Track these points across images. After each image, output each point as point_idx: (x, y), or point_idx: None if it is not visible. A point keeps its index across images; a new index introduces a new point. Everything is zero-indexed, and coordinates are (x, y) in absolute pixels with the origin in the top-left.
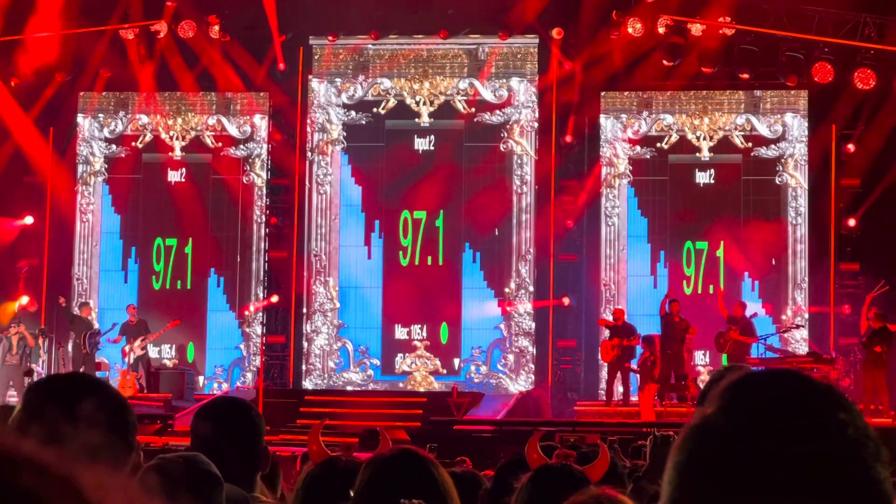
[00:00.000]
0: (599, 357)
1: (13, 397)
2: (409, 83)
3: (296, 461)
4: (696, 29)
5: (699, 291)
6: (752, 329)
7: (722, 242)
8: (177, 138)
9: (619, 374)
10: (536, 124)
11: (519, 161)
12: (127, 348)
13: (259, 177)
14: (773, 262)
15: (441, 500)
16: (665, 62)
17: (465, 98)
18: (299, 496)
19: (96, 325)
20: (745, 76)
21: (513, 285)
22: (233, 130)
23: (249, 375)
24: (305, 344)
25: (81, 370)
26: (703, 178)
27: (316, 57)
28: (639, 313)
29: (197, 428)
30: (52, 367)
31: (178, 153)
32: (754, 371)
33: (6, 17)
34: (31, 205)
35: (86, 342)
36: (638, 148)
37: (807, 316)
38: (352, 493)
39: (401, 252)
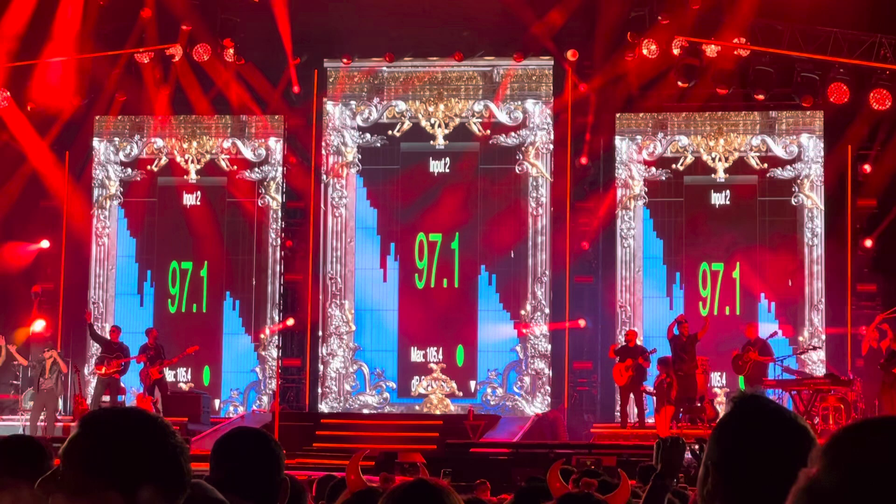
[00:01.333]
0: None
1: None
2: (424, 105)
3: (312, 486)
4: (710, 50)
5: (715, 313)
6: (769, 349)
7: (738, 264)
8: (192, 161)
9: (632, 396)
10: (552, 146)
11: (534, 183)
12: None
13: (274, 200)
14: (790, 284)
15: None
16: (680, 83)
17: (480, 120)
18: None
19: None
20: (761, 97)
21: (528, 307)
22: (248, 153)
23: (265, 399)
24: (321, 367)
25: (105, 394)
26: (718, 199)
27: (331, 79)
28: (655, 335)
29: (217, 458)
30: (69, 390)
31: (193, 176)
32: (853, 425)
33: (22, 43)
34: (47, 229)
35: (118, 366)
36: (653, 169)
37: (824, 337)
38: None
39: (416, 274)
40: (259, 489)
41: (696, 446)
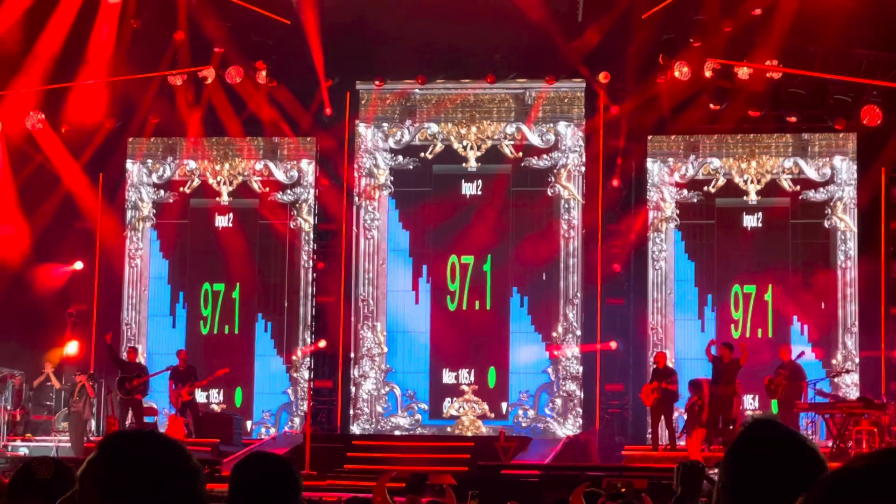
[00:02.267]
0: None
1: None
2: (457, 127)
3: None
4: (742, 72)
5: (747, 335)
6: (801, 373)
7: (770, 286)
8: (224, 183)
9: (662, 419)
10: (583, 168)
11: (566, 205)
12: (175, 394)
13: (306, 221)
14: (823, 306)
15: None
16: (712, 106)
17: (512, 142)
18: None
19: (145, 369)
20: (793, 119)
21: (560, 329)
22: (280, 175)
23: (297, 420)
24: (353, 388)
25: (129, 415)
26: (750, 221)
27: (363, 102)
28: (687, 357)
29: (237, 481)
30: (101, 412)
31: (225, 198)
32: (854, 460)
33: (57, 65)
34: (81, 250)
35: (117, 386)
36: (685, 192)
37: (857, 360)
38: None
39: (448, 297)
40: None
41: (715, 471)
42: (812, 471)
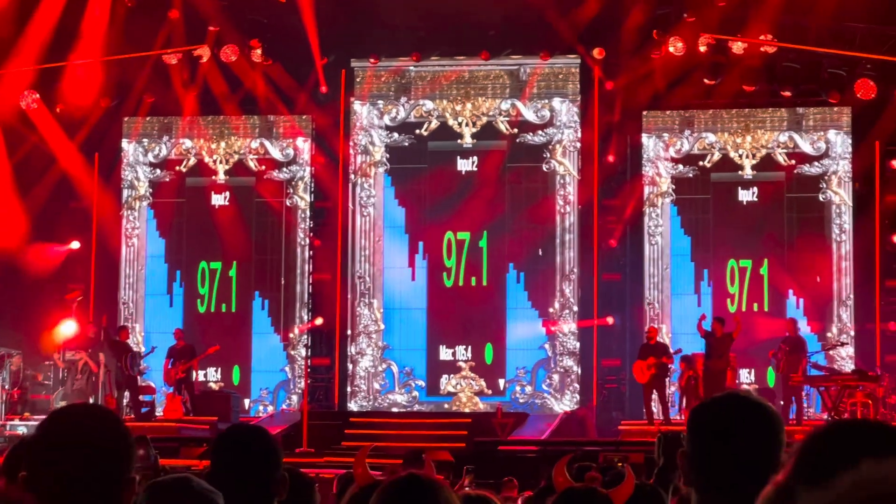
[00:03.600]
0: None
1: None
2: (452, 104)
3: (332, 484)
4: (737, 47)
5: (743, 309)
6: (802, 346)
7: (766, 260)
8: (220, 162)
9: (655, 394)
10: (579, 144)
11: (562, 181)
12: (172, 372)
13: (302, 199)
14: (818, 280)
15: None
16: (706, 81)
17: (507, 119)
18: None
19: (139, 349)
20: (788, 94)
21: (557, 305)
22: (275, 153)
23: (294, 398)
24: (350, 366)
25: (126, 394)
26: (745, 195)
27: (358, 79)
28: (683, 332)
29: (217, 454)
30: (99, 392)
31: (221, 177)
32: (819, 430)
33: (51, 45)
34: (77, 230)
35: (128, 364)
36: (680, 167)
37: (852, 333)
38: None
39: (445, 273)
40: (254, 483)
41: None
42: (765, 430)
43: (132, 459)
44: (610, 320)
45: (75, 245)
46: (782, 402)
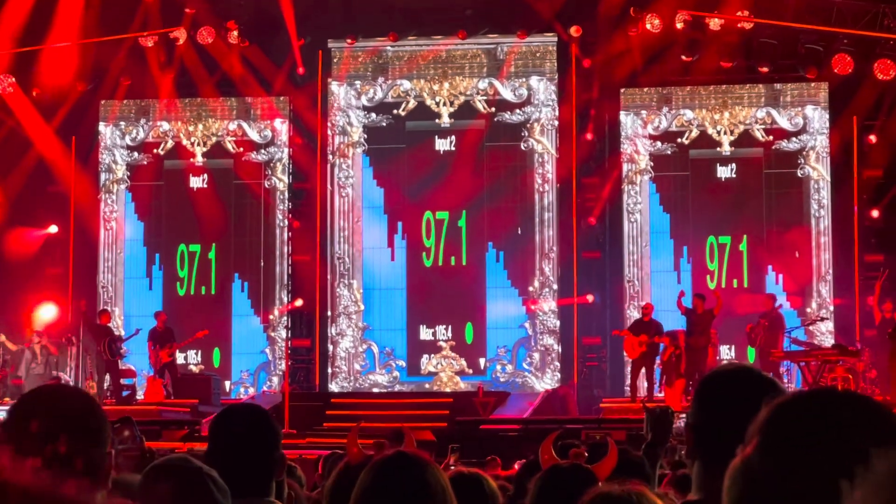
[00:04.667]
0: (624, 353)
1: None
2: (429, 84)
3: (315, 464)
4: (714, 23)
5: (723, 286)
6: (781, 321)
7: (745, 236)
8: (198, 144)
9: (643, 371)
10: (557, 122)
11: (540, 159)
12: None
13: (281, 181)
14: (797, 255)
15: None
16: (684, 57)
17: (484, 98)
18: (330, 493)
19: (119, 332)
20: (765, 69)
21: (536, 284)
22: (253, 135)
23: (275, 379)
24: (331, 347)
25: (106, 377)
26: (724, 172)
27: (335, 60)
28: (663, 309)
29: (215, 434)
30: (79, 376)
31: (199, 159)
32: (785, 401)
33: (26, 28)
34: (55, 214)
35: (107, 349)
36: (659, 144)
37: (832, 308)
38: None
39: (424, 253)
40: (252, 463)
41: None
42: (765, 399)
43: (105, 435)
44: (590, 298)
45: (53, 229)
46: None
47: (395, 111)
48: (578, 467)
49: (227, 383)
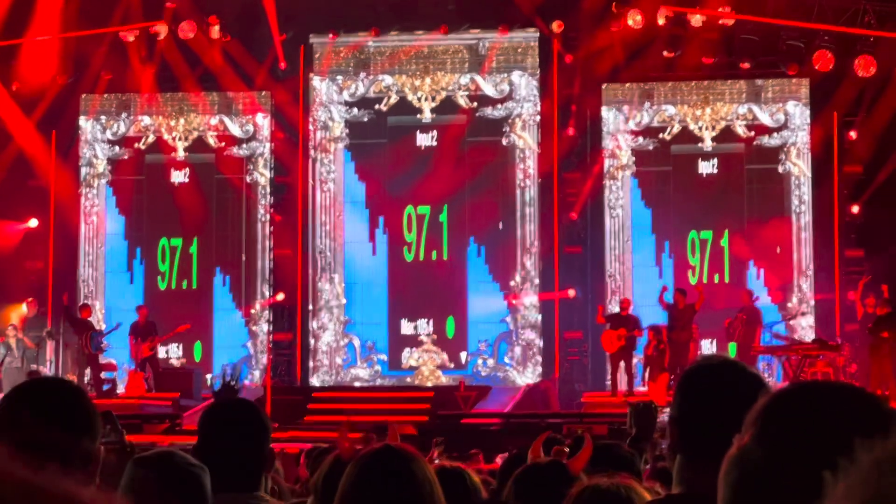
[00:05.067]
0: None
1: None
2: (411, 79)
3: (296, 458)
4: (695, 20)
5: (704, 281)
6: (758, 316)
7: (726, 231)
8: (179, 139)
9: (622, 365)
10: (538, 118)
11: (521, 155)
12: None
13: (262, 175)
14: (778, 251)
15: (423, 498)
16: (666, 53)
17: (466, 93)
18: (319, 488)
19: (100, 326)
20: (746, 66)
21: (518, 278)
22: (235, 130)
23: (257, 373)
24: (312, 341)
25: (87, 371)
26: (705, 168)
27: (317, 55)
28: (645, 304)
29: (205, 428)
30: (59, 369)
31: (180, 154)
32: (782, 391)
33: (6, 22)
34: (35, 208)
35: (89, 343)
36: (640, 139)
37: (812, 303)
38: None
39: (406, 247)
40: (243, 458)
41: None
42: (751, 394)
43: (96, 431)
44: (571, 293)
45: (33, 223)
46: None
47: (376, 106)
48: (555, 463)
49: (209, 377)
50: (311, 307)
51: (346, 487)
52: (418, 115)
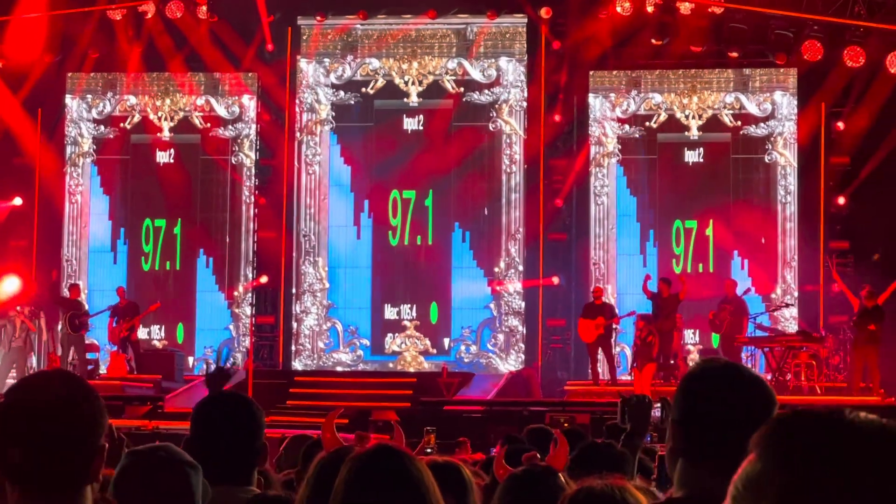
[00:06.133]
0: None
1: (12, 379)
2: (398, 63)
3: (277, 442)
4: (684, 7)
5: (689, 270)
6: (744, 307)
7: (711, 221)
8: (165, 119)
9: (602, 355)
10: (525, 104)
11: (508, 140)
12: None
13: (248, 157)
14: (763, 241)
15: (421, 498)
16: (654, 41)
17: (453, 78)
18: (311, 484)
19: (86, 307)
20: (734, 54)
21: (502, 265)
22: (221, 111)
23: (239, 356)
24: (295, 324)
25: (71, 350)
26: (692, 156)
27: (304, 37)
28: (628, 292)
29: (198, 422)
30: (42, 349)
31: (166, 134)
32: (787, 415)
33: None
34: (20, 186)
35: (68, 323)
36: (627, 127)
37: (796, 294)
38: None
39: (390, 232)
40: (235, 452)
41: (658, 404)
42: (761, 404)
43: (102, 426)
44: (555, 280)
45: (18, 201)
46: None
47: (363, 89)
48: (533, 470)
49: (191, 359)
50: (294, 290)
51: (340, 487)
52: (405, 99)
